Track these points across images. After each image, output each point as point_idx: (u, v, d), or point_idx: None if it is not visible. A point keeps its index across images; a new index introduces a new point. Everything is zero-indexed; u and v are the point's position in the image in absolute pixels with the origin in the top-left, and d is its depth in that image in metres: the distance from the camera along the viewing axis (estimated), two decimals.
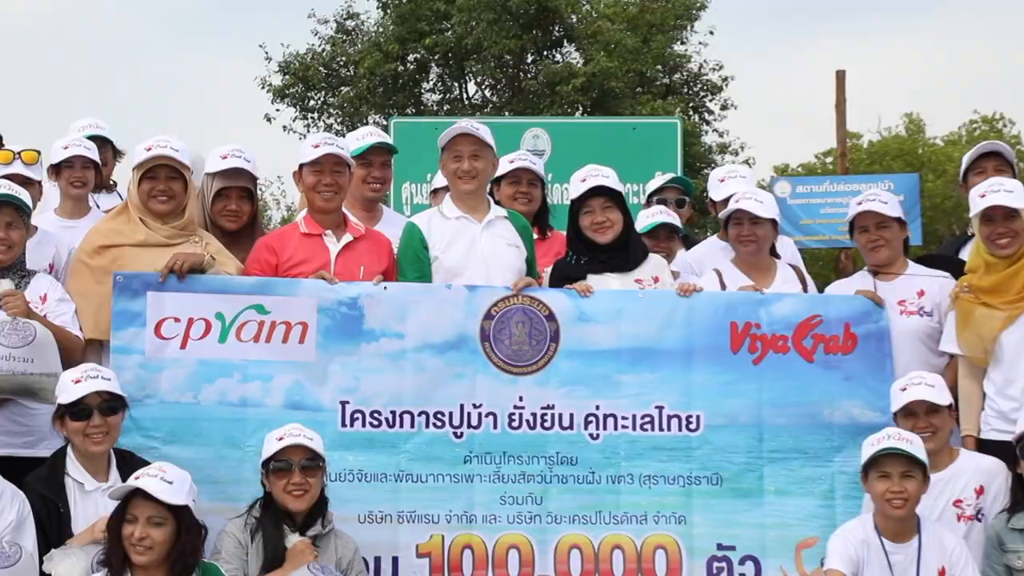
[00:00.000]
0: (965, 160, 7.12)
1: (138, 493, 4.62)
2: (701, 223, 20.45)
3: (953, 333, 6.03)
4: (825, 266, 20.84)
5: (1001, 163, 6.77)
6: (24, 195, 5.83)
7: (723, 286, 6.49)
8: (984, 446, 5.82)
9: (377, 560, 5.80)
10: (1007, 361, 5.77)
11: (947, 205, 27.69)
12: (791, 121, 66.14)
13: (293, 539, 5.11)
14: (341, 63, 25.12)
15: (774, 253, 6.78)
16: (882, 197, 6.56)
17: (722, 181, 7.45)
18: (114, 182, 7.36)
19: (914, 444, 5.08)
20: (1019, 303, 5.78)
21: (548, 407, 6.07)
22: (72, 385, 5.15)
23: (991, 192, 5.93)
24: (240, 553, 5.16)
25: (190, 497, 4.71)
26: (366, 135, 7.04)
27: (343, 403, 5.98)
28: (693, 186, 8.45)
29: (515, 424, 6.06)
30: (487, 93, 24.87)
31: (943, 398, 5.53)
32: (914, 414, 5.48)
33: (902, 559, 5.09)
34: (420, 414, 6.03)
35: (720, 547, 6.02)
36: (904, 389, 5.58)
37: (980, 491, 5.52)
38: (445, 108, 25.02)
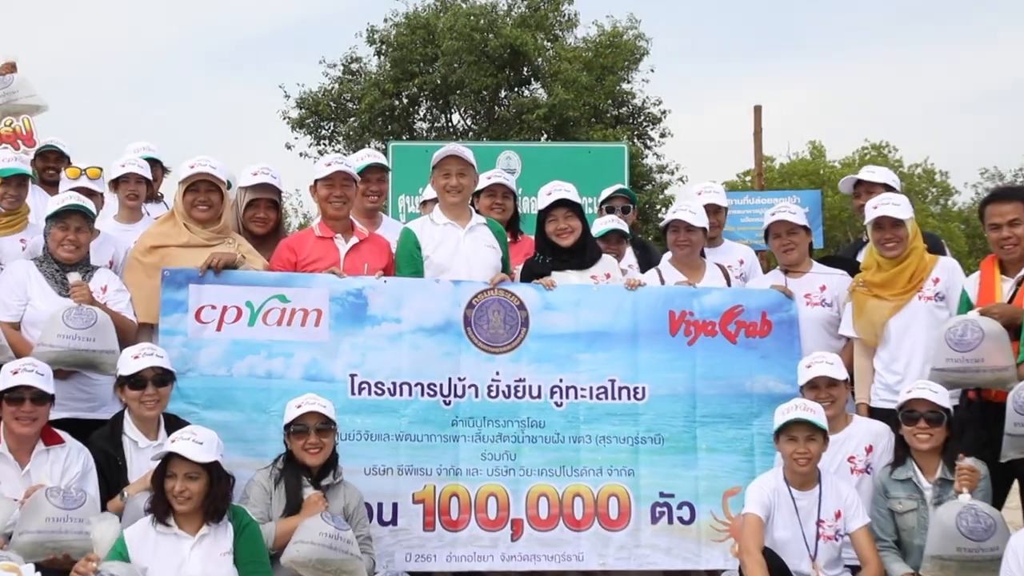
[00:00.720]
0: (843, 184, 7.20)
1: (175, 454, 4.64)
2: (644, 229, 20.37)
3: (850, 320, 6.08)
4: None
5: (880, 190, 6.62)
6: (89, 204, 5.85)
7: (662, 281, 6.52)
8: (873, 412, 5.87)
9: (380, 505, 5.80)
10: (893, 342, 5.83)
11: (844, 216, 27.13)
12: (717, 146, 66.23)
13: (308, 491, 5.12)
14: (347, 99, 24.94)
15: (702, 254, 6.76)
16: (791, 209, 6.57)
17: (699, 194, 7.29)
18: (161, 194, 7.23)
19: (816, 413, 5.13)
20: (904, 295, 5.85)
21: (520, 380, 6.09)
22: (132, 360, 5.21)
23: (882, 205, 5.97)
24: (265, 499, 5.19)
25: (219, 453, 4.70)
26: (364, 156, 6.98)
27: (352, 375, 5.98)
28: (636, 196, 8.36)
29: (493, 394, 6.08)
30: (468, 122, 24.68)
31: (840, 373, 5.60)
32: (817, 387, 5.53)
33: (806, 504, 5.16)
34: (416, 385, 6.03)
35: (662, 495, 6.04)
36: (809, 366, 5.64)
37: (869, 449, 5.60)
38: (433, 135, 24.77)
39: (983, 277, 5.73)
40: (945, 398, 5.23)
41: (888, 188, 6.64)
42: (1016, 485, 5.68)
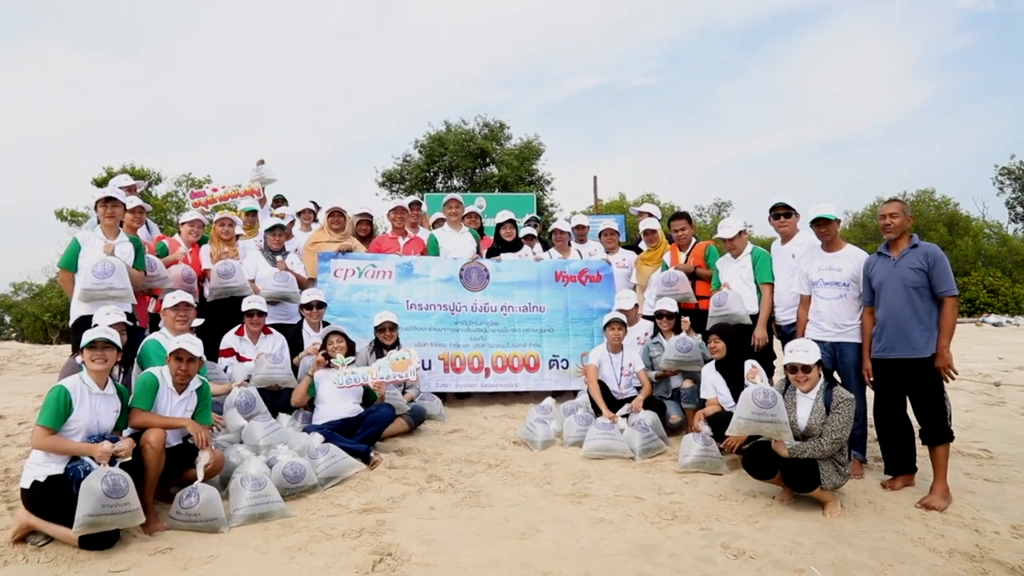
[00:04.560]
0: (632, 210, 6.92)
1: (334, 333, 4.81)
2: (543, 234, 20.42)
3: (635, 275, 6.08)
4: None
5: (647, 216, 6.42)
6: (284, 223, 5.90)
7: (551, 257, 6.51)
8: (646, 317, 5.71)
9: (423, 361, 5.81)
10: (652, 285, 5.70)
11: (637, 227, 26.82)
12: (576, 192, 65.95)
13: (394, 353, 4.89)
14: (404, 174, 24.81)
15: (570, 245, 6.58)
16: (612, 224, 6.57)
17: (576, 216, 6.96)
18: (318, 219, 7.37)
19: (623, 317, 5.15)
20: (658, 264, 5.78)
21: (487, 303, 6.10)
22: (306, 296, 5.34)
23: (646, 219, 6.09)
24: (364, 357, 5.18)
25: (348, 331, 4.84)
26: (411, 198, 6.87)
27: (407, 301, 5.98)
28: (540, 218, 8.22)
29: (474, 310, 6.07)
30: (461, 183, 24.77)
31: (635, 300, 5.61)
32: (623, 306, 5.50)
33: (617, 359, 5.09)
34: (438, 306, 6.04)
35: (554, 356, 6.07)
36: (619, 296, 5.64)
37: (647, 334, 5.52)
38: (444, 190, 24.65)
39: (672, 253, 5.64)
40: (675, 306, 5.24)
41: (651, 215, 6.48)
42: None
